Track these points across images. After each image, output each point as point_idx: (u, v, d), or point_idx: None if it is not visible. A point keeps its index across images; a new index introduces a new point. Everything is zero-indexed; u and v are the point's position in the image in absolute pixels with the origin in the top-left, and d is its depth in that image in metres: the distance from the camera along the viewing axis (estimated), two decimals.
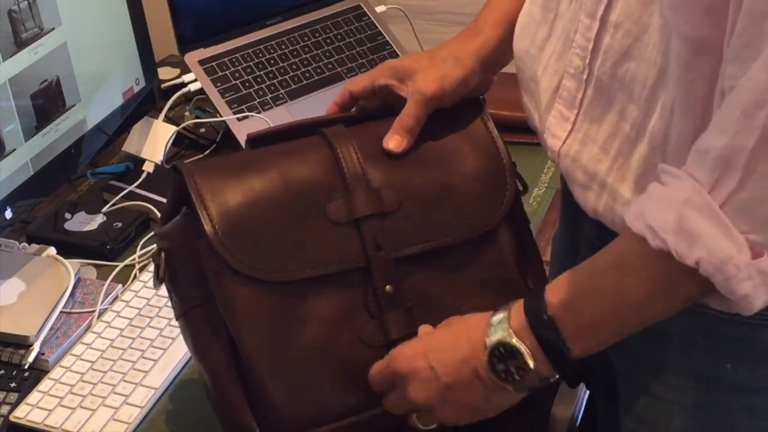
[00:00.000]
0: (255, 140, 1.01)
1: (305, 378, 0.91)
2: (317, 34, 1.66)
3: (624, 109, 0.88)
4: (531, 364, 0.83)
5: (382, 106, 1.04)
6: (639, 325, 0.84)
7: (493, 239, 0.98)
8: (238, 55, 1.58)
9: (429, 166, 0.99)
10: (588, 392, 1.18)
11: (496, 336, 0.84)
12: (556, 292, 0.84)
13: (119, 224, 1.36)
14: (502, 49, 1.04)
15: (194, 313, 0.94)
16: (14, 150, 1.24)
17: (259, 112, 1.52)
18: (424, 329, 0.93)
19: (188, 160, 1.55)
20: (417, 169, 0.98)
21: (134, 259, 1.31)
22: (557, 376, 0.85)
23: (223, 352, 0.91)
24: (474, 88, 1.04)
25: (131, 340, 1.16)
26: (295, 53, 1.62)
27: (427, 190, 0.97)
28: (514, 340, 0.83)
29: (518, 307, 0.85)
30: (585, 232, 1.01)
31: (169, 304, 1.18)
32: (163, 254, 0.95)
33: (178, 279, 0.96)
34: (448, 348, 0.88)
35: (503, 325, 0.84)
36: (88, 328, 1.19)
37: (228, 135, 1.54)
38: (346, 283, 0.93)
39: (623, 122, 0.89)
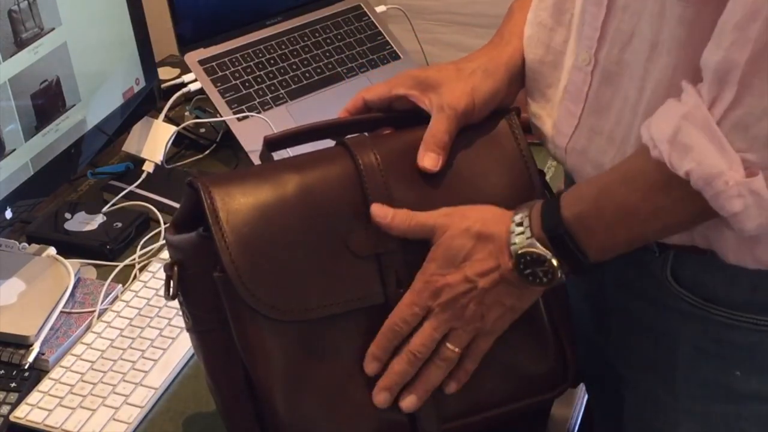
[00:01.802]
0: (272, 143, 0.97)
1: (322, 415, 0.89)
2: (317, 34, 1.65)
3: (627, 94, 0.88)
4: (556, 265, 0.85)
5: (404, 110, 0.99)
6: (652, 236, 0.87)
7: None
8: (238, 55, 1.58)
9: (456, 189, 0.93)
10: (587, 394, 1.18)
11: (520, 243, 0.86)
12: (570, 206, 0.85)
13: (119, 224, 1.36)
14: None
15: (209, 335, 0.92)
16: (14, 150, 1.24)
17: (259, 112, 1.52)
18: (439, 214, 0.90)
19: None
20: (444, 194, 0.93)
21: (134, 259, 1.31)
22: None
23: (236, 376, 0.90)
24: (501, 101, 0.99)
25: (131, 340, 1.16)
26: (295, 53, 1.62)
27: None
28: (539, 248, 0.85)
29: (536, 216, 0.87)
30: None
31: (169, 304, 1.19)
32: (176, 268, 0.91)
33: (192, 298, 0.92)
34: (478, 258, 0.88)
35: (526, 234, 0.86)
36: (88, 328, 1.19)
37: (228, 135, 1.54)
38: (365, 317, 0.90)
39: (625, 108, 0.88)
